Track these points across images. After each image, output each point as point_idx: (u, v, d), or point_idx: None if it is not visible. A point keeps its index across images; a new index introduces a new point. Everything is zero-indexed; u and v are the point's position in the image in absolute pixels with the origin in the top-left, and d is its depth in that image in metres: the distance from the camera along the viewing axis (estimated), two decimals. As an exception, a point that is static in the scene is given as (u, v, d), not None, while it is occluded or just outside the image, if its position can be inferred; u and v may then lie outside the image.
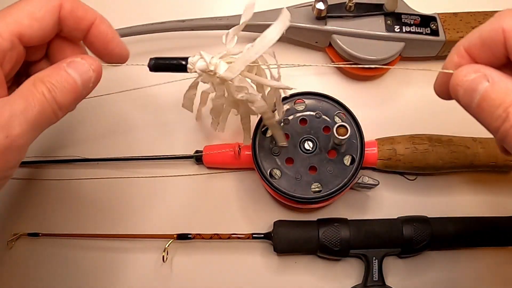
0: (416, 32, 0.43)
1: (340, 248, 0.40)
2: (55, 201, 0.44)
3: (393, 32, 0.42)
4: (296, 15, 0.43)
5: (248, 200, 0.44)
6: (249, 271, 0.42)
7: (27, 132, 0.26)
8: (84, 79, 0.28)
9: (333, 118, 0.40)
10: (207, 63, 0.31)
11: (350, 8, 0.42)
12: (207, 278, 0.42)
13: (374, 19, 0.43)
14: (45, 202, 0.44)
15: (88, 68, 0.29)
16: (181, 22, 0.43)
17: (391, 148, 0.41)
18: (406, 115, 0.46)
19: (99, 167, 0.45)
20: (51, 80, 0.27)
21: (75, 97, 0.28)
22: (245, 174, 0.44)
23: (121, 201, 0.44)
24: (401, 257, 0.42)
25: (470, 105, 0.25)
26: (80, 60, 0.29)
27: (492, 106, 0.24)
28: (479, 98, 0.25)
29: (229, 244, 0.43)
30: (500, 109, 0.24)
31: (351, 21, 0.43)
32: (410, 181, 0.44)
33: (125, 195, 0.44)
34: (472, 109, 0.25)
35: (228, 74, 0.30)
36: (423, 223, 0.40)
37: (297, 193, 0.38)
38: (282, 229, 0.41)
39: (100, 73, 0.30)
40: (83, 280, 0.42)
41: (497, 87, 0.24)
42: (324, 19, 0.43)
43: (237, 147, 0.41)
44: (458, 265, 0.42)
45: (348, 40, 0.43)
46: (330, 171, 0.39)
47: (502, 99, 0.24)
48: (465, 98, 0.26)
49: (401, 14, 0.43)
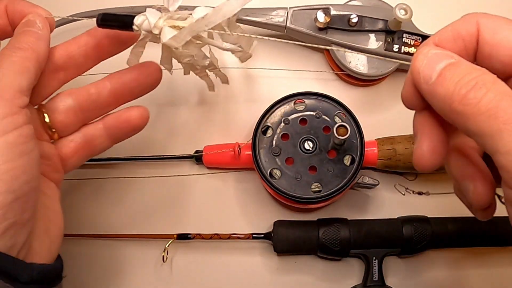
0: (413, 54, 0.42)
1: (340, 248, 0.40)
2: (55, 201, 0.44)
3: (391, 52, 0.42)
4: (299, 19, 0.43)
5: (248, 200, 0.44)
6: (249, 271, 0.42)
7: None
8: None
9: (333, 118, 0.40)
10: (151, 27, 0.29)
11: (352, 24, 0.42)
12: (207, 278, 0.42)
13: (375, 35, 0.43)
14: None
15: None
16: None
17: (391, 148, 0.41)
18: (406, 115, 0.45)
19: (98, 167, 0.44)
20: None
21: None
22: (245, 174, 0.44)
23: (121, 201, 0.44)
24: (401, 257, 0.42)
25: (428, 82, 0.22)
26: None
27: (456, 76, 0.21)
28: (438, 73, 0.22)
29: (229, 244, 0.43)
30: (467, 77, 0.21)
31: (352, 34, 0.43)
32: (410, 181, 0.44)
33: (125, 195, 0.44)
34: (430, 86, 0.22)
35: (172, 43, 0.29)
36: (423, 223, 0.40)
37: (297, 193, 0.38)
38: (282, 229, 0.41)
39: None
40: (83, 280, 0.42)
41: (464, 63, 0.22)
42: (326, 28, 0.43)
43: (237, 147, 0.41)
44: (458, 265, 0.42)
45: (344, 52, 0.43)
46: (330, 171, 0.39)
47: (469, 69, 0.21)
48: (425, 73, 0.22)
49: (403, 32, 0.43)
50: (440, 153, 0.24)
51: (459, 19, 0.24)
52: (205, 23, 0.28)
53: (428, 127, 0.24)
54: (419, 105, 0.24)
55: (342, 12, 0.43)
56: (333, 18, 0.42)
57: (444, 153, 0.24)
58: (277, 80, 0.46)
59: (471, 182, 0.24)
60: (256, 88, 0.45)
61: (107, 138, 0.34)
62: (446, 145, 0.24)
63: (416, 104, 0.25)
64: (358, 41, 0.43)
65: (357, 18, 0.42)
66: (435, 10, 0.47)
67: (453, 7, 0.47)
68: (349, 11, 0.43)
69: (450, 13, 0.47)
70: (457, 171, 0.25)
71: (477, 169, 0.24)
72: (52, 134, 0.32)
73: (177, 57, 0.30)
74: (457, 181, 0.25)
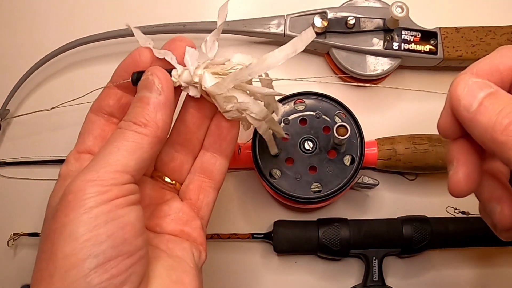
0: (414, 51, 0.43)
1: (340, 248, 0.40)
2: (55, 201, 0.44)
3: (391, 50, 0.42)
4: (297, 25, 0.43)
5: (248, 200, 0.44)
6: (249, 271, 0.42)
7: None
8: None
9: (333, 118, 0.40)
10: (191, 75, 0.28)
11: (350, 26, 0.42)
12: (207, 278, 0.42)
13: (374, 35, 0.43)
14: (45, 202, 0.44)
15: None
16: (182, 25, 0.43)
17: (391, 148, 0.41)
18: (406, 115, 0.46)
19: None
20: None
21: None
22: (245, 174, 0.44)
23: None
24: (401, 257, 0.42)
25: (469, 110, 0.23)
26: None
27: (498, 106, 0.22)
28: (479, 102, 0.23)
29: (229, 244, 0.43)
30: (509, 108, 0.22)
31: (350, 36, 0.43)
32: (410, 181, 0.44)
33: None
34: (471, 114, 0.23)
35: (215, 90, 0.28)
36: (423, 223, 0.40)
37: (297, 193, 0.38)
38: (282, 229, 0.41)
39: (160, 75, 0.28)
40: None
41: (503, 93, 0.23)
42: (324, 33, 0.43)
43: (237, 147, 0.41)
44: (458, 265, 0.42)
45: (345, 54, 0.43)
46: (330, 171, 0.39)
47: (505, 103, 0.22)
48: (466, 101, 0.23)
49: (401, 29, 0.43)
50: (475, 179, 0.25)
51: (495, 51, 0.25)
52: (249, 72, 0.27)
53: (464, 154, 0.25)
54: (457, 133, 0.25)
55: (339, 14, 0.43)
56: (330, 21, 0.42)
57: (479, 179, 0.25)
58: (277, 82, 0.45)
59: (498, 204, 0.25)
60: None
61: (216, 154, 0.32)
62: (481, 172, 0.25)
63: (454, 132, 0.25)
64: (358, 42, 0.43)
65: (354, 19, 0.42)
66: (432, 4, 0.47)
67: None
68: (346, 12, 0.43)
69: (446, 6, 0.47)
70: (485, 193, 0.26)
71: (505, 192, 0.25)
72: (174, 186, 0.31)
73: (220, 104, 0.29)
74: (484, 202, 0.26)
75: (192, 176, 0.32)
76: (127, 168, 0.25)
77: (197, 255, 0.30)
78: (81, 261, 0.22)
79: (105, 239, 0.23)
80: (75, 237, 0.22)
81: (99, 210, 0.23)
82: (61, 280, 0.22)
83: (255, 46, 0.47)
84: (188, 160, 0.32)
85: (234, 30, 0.43)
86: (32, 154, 0.45)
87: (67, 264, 0.22)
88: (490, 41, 0.43)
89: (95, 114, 0.30)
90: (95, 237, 0.22)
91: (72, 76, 0.46)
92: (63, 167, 0.28)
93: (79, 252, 0.22)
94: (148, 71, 0.27)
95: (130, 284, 0.23)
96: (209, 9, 0.48)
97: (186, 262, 0.28)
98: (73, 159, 0.28)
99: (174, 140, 0.31)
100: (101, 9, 0.48)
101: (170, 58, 0.29)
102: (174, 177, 0.31)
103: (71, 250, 0.22)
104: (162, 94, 0.27)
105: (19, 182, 0.45)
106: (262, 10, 0.44)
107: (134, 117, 0.26)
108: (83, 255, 0.22)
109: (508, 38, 0.43)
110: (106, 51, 0.46)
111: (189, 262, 0.28)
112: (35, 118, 0.44)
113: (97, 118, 0.29)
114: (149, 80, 0.27)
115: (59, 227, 0.23)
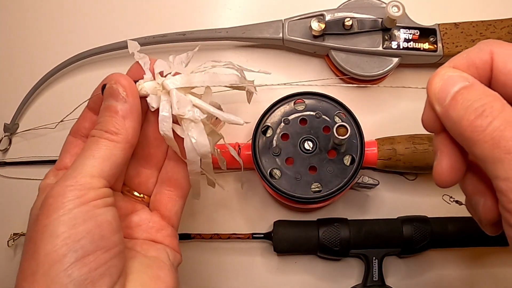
0: (413, 48, 0.43)
1: (340, 248, 0.40)
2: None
3: (390, 49, 0.42)
4: (295, 29, 0.43)
5: (248, 200, 0.44)
6: (249, 271, 0.42)
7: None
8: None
9: (333, 118, 0.40)
10: (155, 81, 0.29)
11: (347, 27, 0.42)
12: (207, 278, 0.42)
13: (372, 35, 0.43)
14: (45, 202, 0.44)
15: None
16: (182, 35, 0.44)
17: (391, 148, 0.41)
18: (406, 115, 0.45)
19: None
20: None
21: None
22: (245, 174, 0.44)
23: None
24: (401, 257, 0.42)
25: (442, 105, 0.23)
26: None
27: (466, 101, 0.22)
28: (451, 96, 0.23)
29: (229, 244, 0.43)
30: (476, 103, 0.22)
31: (349, 38, 0.43)
32: (410, 181, 0.44)
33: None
34: (444, 108, 0.23)
35: (169, 84, 0.29)
36: (423, 223, 0.40)
37: (297, 193, 0.38)
38: (282, 229, 0.41)
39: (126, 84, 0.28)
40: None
41: (477, 86, 0.23)
42: (322, 35, 0.43)
43: (237, 147, 0.41)
44: (458, 265, 0.42)
45: (345, 56, 0.43)
46: (330, 171, 0.39)
47: (480, 95, 0.22)
48: (440, 95, 0.23)
49: (400, 28, 0.43)
50: (458, 170, 0.25)
51: (474, 47, 0.25)
52: (200, 80, 0.29)
53: (447, 147, 0.25)
54: (439, 127, 0.25)
55: (336, 15, 0.43)
56: (328, 24, 0.42)
57: (462, 170, 0.25)
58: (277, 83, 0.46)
59: (482, 197, 0.25)
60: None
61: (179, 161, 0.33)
62: (464, 163, 0.25)
63: (436, 126, 0.25)
64: (356, 43, 0.43)
65: (351, 20, 0.42)
66: (430, 0, 0.47)
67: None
68: (343, 12, 0.43)
69: (444, 1, 0.47)
70: (470, 187, 0.26)
71: (488, 186, 0.25)
72: (143, 199, 0.33)
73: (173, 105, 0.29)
74: (469, 196, 0.26)
75: (159, 187, 0.33)
76: (102, 173, 0.26)
77: (172, 256, 0.31)
78: (62, 257, 0.23)
79: (84, 236, 0.24)
80: (56, 235, 0.24)
81: (78, 211, 0.24)
82: (44, 276, 0.23)
83: (254, 50, 0.47)
84: (153, 173, 0.33)
85: (233, 37, 0.44)
86: (32, 154, 0.45)
87: (48, 260, 0.23)
88: (490, 35, 0.43)
89: (74, 136, 0.31)
90: (75, 235, 0.24)
91: (79, 85, 0.47)
92: (42, 182, 0.29)
93: (60, 249, 0.23)
94: (112, 80, 0.28)
95: (109, 276, 0.24)
96: (209, 18, 0.48)
97: (161, 260, 0.30)
98: (52, 175, 0.30)
99: (139, 155, 0.32)
100: (107, 21, 0.48)
101: (144, 63, 0.30)
102: (142, 190, 0.33)
103: (52, 247, 0.23)
104: (127, 102, 0.28)
105: (19, 182, 0.45)
106: (260, 15, 0.45)
107: (105, 126, 0.27)
108: (64, 251, 0.23)
109: (508, 31, 0.43)
110: (111, 62, 0.46)
111: (164, 260, 0.30)
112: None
113: (74, 140, 0.31)
114: (114, 89, 0.28)
115: (40, 228, 0.24)
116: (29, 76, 0.45)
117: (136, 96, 0.28)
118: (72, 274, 0.23)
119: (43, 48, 0.48)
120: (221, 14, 0.48)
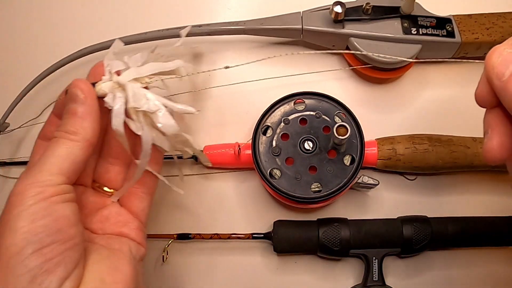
0: (433, 34, 0.42)
1: (340, 248, 0.40)
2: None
3: (410, 35, 0.42)
4: (314, 19, 0.43)
5: (248, 200, 0.44)
6: (249, 271, 0.42)
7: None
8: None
9: (333, 118, 0.40)
10: (112, 79, 0.31)
11: (367, 11, 0.42)
12: (207, 278, 0.42)
13: (391, 21, 0.43)
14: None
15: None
16: (198, 27, 0.43)
17: (391, 148, 0.41)
18: (406, 115, 0.46)
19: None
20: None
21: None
22: (245, 174, 0.44)
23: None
24: (401, 257, 0.42)
25: (500, 79, 0.24)
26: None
27: None
28: (511, 71, 0.24)
29: (229, 244, 0.43)
30: None
31: (368, 24, 0.43)
32: (410, 181, 0.44)
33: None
34: (502, 83, 0.24)
35: (122, 79, 0.30)
36: (423, 223, 0.40)
37: (297, 193, 0.38)
38: (282, 229, 0.41)
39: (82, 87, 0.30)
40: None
41: None
42: (342, 22, 0.43)
43: (237, 147, 0.41)
44: (458, 265, 0.42)
45: (365, 43, 0.42)
46: (330, 171, 0.39)
47: None
48: (499, 69, 0.24)
49: (417, 16, 0.43)
50: (508, 147, 0.26)
51: None
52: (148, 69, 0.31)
53: (499, 123, 0.26)
54: (492, 103, 0.26)
55: (354, 4, 0.43)
56: (347, 10, 0.42)
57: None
58: (278, 82, 0.45)
59: None
60: (257, 89, 0.45)
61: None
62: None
63: (489, 101, 0.26)
64: (376, 29, 0.42)
65: (371, 6, 0.42)
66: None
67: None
68: (361, 3, 0.43)
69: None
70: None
71: None
72: (111, 194, 0.34)
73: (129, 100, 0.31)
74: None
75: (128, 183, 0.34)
76: (61, 171, 0.28)
77: (134, 249, 0.32)
78: (20, 249, 0.25)
79: (41, 230, 0.26)
80: (15, 230, 0.25)
81: (37, 206, 0.26)
82: (4, 268, 0.25)
83: (270, 48, 0.47)
84: (122, 170, 0.35)
85: (251, 28, 0.43)
86: (20, 154, 0.45)
87: (8, 253, 0.25)
88: (502, 24, 0.43)
89: (42, 139, 0.33)
90: (33, 229, 0.26)
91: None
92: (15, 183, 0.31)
93: (19, 242, 0.25)
94: (71, 84, 0.30)
95: (64, 266, 0.26)
96: (209, 18, 0.48)
97: (122, 252, 0.31)
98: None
99: (107, 153, 0.35)
100: (103, 19, 0.48)
101: (107, 65, 0.31)
102: (112, 186, 0.35)
103: (12, 240, 0.25)
104: (85, 104, 0.30)
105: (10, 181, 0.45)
106: (278, 9, 0.44)
107: (65, 127, 0.29)
108: (23, 244, 0.25)
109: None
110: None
111: (125, 252, 0.31)
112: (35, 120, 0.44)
113: (42, 142, 0.32)
114: (73, 92, 0.30)
115: (3, 224, 0.26)
116: (26, 75, 0.44)
117: (94, 98, 0.30)
118: (28, 264, 0.25)
119: (39, 47, 0.48)
120: (237, 8, 0.49)
